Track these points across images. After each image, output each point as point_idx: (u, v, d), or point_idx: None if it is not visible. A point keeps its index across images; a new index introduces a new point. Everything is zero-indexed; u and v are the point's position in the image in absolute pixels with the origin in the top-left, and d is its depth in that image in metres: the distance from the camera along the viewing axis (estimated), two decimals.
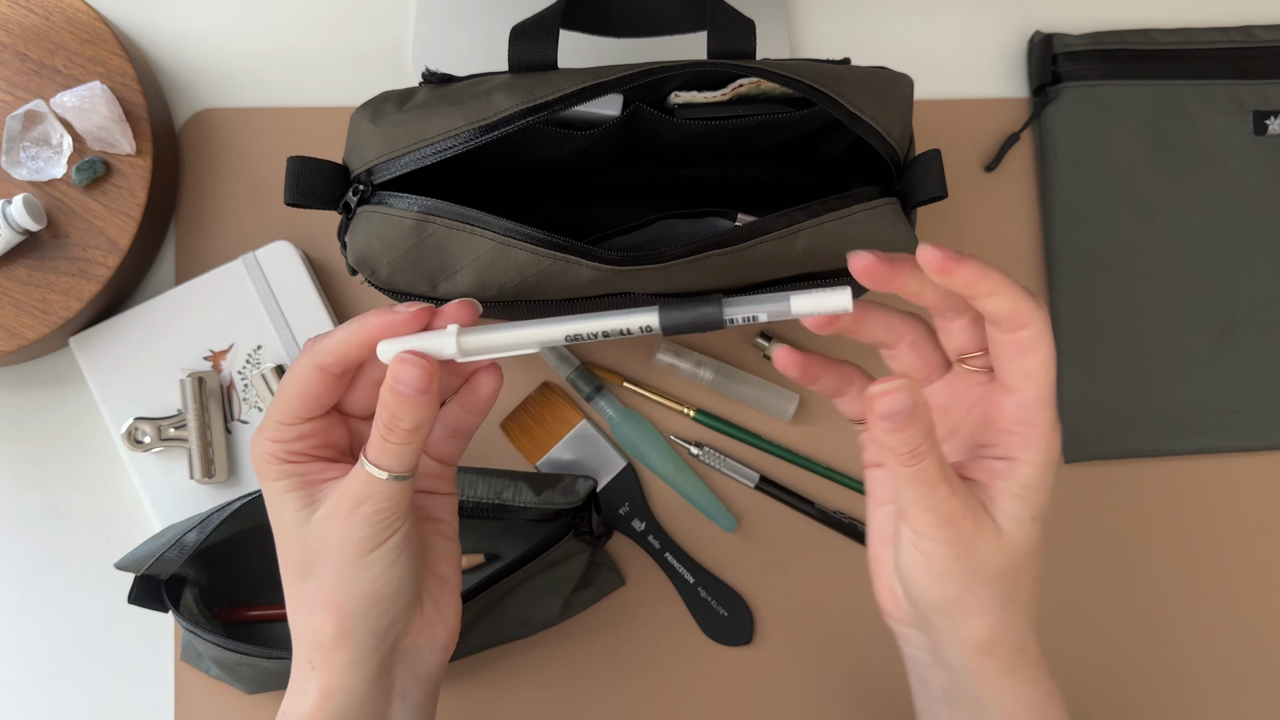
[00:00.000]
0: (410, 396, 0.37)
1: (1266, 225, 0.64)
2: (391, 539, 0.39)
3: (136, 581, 0.54)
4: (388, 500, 0.39)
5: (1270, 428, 0.63)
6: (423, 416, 0.38)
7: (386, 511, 0.39)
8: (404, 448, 0.38)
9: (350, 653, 0.40)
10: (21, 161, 0.56)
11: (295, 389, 0.40)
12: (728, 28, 0.50)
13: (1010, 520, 0.39)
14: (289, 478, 0.40)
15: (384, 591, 0.39)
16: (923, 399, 0.37)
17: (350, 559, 0.39)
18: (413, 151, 0.47)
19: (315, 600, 0.40)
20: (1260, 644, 0.63)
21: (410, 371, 0.37)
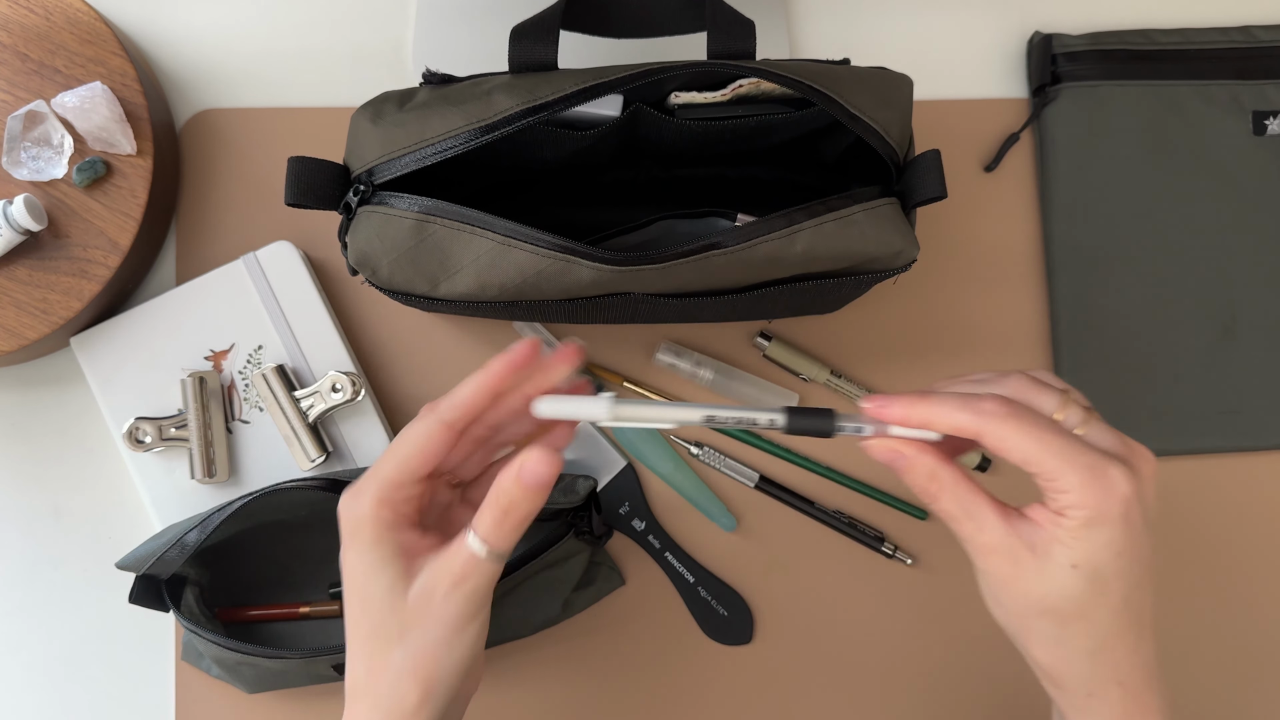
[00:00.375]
0: (534, 489, 0.39)
1: (1266, 225, 0.64)
2: (482, 614, 0.41)
3: (137, 581, 0.54)
4: (486, 580, 0.40)
5: (1270, 428, 0.63)
6: (538, 505, 0.40)
7: (483, 591, 0.40)
8: (515, 532, 0.40)
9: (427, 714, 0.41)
10: (22, 162, 0.56)
11: (419, 446, 0.40)
12: (727, 28, 0.50)
13: (1052, 564, 0.39)
14: (388, 545, 0.40)
15: (470, 664, 0.41)
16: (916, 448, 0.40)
17: (446, 634, 0.40)
18: (413, 152, 0.47)
19: (404, 668, 0.40)
20: (1260, 644, 0.63)
21: (542, 469, 0.39)
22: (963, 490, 0.40)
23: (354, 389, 0.57)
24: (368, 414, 0.59)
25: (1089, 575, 0.39)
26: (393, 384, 0.62)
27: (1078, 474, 0.38)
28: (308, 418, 0.57)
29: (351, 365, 0.59)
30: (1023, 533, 0.40)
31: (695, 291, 0.50)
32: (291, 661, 0.53)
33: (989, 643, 0.62)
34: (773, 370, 0.62)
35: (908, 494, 0.62)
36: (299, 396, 0.58)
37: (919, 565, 0.62)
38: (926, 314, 0.63)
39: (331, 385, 0.57)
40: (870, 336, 0.63)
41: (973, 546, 0.41)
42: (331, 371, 0.58)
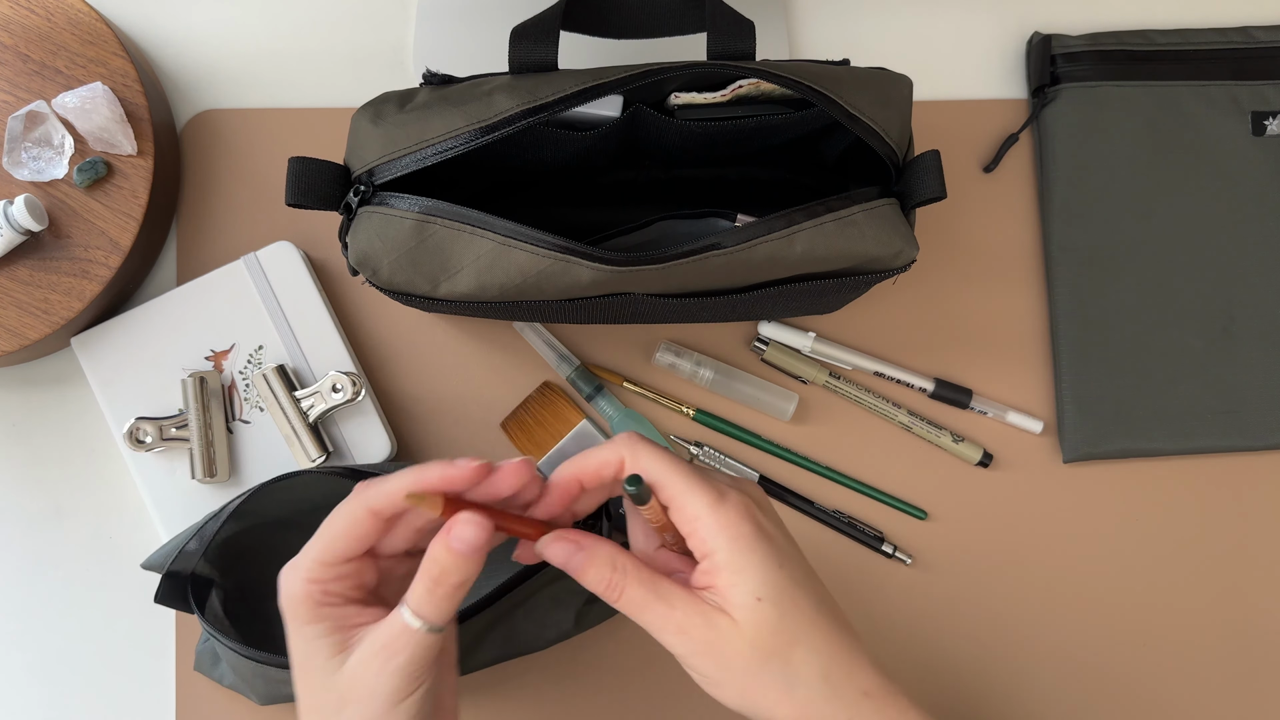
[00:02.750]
0: (465, 554, 0.38)
1: (1265, 225, 0.64)
2: (420, 689, 0.39)
3: (163, 580, 0.54)
4: (422, 651, 0.39)
5: (1269, 428, 0.63)
6: (471, 573, 0.39)
7: (420, 662, 0.39)
8: (448, 602, 0.39)
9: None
10: (23, 162, 0.57)
11: (343, 530, 0.40)
12: (727, 29, 0.50)
13: (739, 609, 0.39)
14: (323, 622, 0.40)
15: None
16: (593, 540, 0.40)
17: (380, 709, 0.39)
18: (413, 152, 0.47)
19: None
20: (1261, 644, 0.63)
21: (471, 531, 0.38)
22: (645, 573, 0.40)
23: (354, 389, 0.57)
24: (368, 414, 0.59)
25: (774, 601, 0.39)
26: (393, 384, 0.62)
27: (705, 495, 0.39)
28: (308, 418, 0.57)
29: (351, 365, 0.59)
30: (704, 598, 0.40)
31: (695, 291, 0.50)
32: None
33: (988, 642, 0.62)
34: (772, 371, 0.63)
35: (907, 494, 0.62)
36: (299, 396, 0.58)
37: (918, 565, 0.62)
38: (926, 314, 0.64)
39: (332, 385, 0.57)
40: (870, 337, 0.63)
41: (670, 631, 0.39)
42: (332, 371, 0.58)
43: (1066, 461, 0.63)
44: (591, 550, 0.40)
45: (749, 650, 0.39)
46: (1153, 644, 0.63)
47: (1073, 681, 0.62)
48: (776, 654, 0.39)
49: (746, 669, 0.39)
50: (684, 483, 0.40)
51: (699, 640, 0.39)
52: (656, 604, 0.40)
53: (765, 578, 0.39)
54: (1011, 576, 0.63)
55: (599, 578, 0.40)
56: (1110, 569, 0.63)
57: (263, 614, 0.58)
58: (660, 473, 0.40)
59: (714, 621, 0.39)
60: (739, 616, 0.39)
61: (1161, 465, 0.64)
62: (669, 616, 0.39)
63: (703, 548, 0.40)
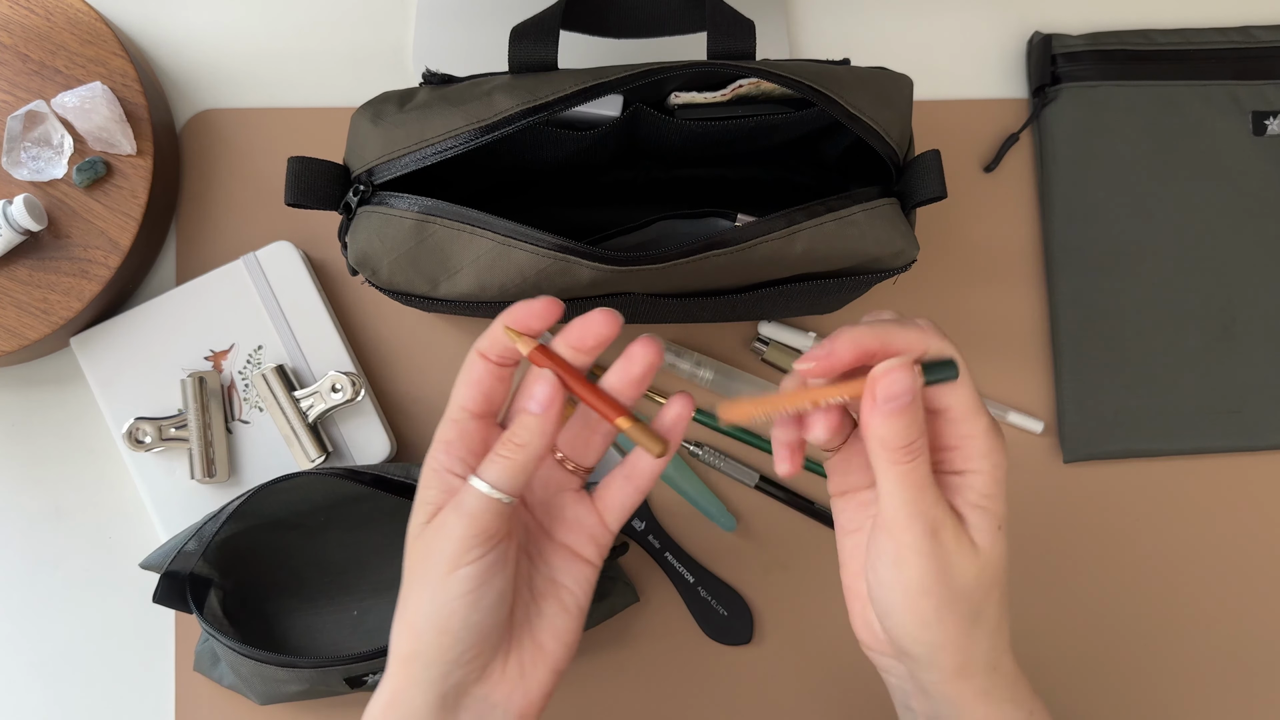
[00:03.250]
0: (533, 412, 0.37)
1: (1266, 225, 0.64)
2: (475, 564, 0.37)
3: (162, 580, 0.54)
4: (476, 516, 0.37)
5: (1270, 428, 0.63)
6: (535, 433, 0.37)
7: (478, 528, 0.37)
8: (508, 461, 0.37)
9: (416, 672, 0.38)
10: (22, 162, 0.57)
11: (462, 379, 0.39)
12: (727, 28, 0.50)
13: (981, 533, 0.38)
14: (433, 487, 0.39)
15: (450, 621, 0.38)
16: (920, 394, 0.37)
17: (429, 576, 0.38)
18: (413, 152, 0.47)
19: (401, 612, 0.39)
20: (1261, 644, 0.63)
21: (540, 388, 0.38)
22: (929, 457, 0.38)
23: (354, 389, 0.57)
24: (368, 414, 0.59)
25: (1005, 537, 0.39)
26: (393, 384, 0.62)
27: (985, 418, 0.38)
28: (307, 418, 0.57)
29: (351, 365, 0.59)
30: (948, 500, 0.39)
31: (695, 291, 0.50)
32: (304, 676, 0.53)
33: None
34: (772, 371, 0.63)
35: None
36: (299, 396, 0.58)
37: None
38: (926, 314, 0.63)
39: (331, 385, 0.57)
40: None
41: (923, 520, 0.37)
42: (331, 371, 0.58)
43: (1067, 462, 0.63)
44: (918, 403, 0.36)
45: (974, 574, 0.38)
46: (1154, 644, 0.63)
47: (1073, 681, 0.62)
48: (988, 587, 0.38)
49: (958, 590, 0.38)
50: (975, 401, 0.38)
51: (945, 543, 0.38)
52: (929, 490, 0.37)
53: (1005, 512, 0.39)
54: (1011, 577, 0.62)
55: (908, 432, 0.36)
56: (1111, 569, 0.63)
57: (261, 614, 0.58)
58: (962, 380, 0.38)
59: (960, 536, 0.38)
60: (980, 540, 0.38)
61: (1162, 465, 0.64)
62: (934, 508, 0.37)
63: (964, 463, 0.38)
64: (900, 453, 0.37)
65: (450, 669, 0.38)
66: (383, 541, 0.59)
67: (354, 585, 0.59)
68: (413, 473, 0.54)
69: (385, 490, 0.54)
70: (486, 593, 0.38)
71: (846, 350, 0.37)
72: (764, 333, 0.62)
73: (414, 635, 0.38)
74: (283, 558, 0.59)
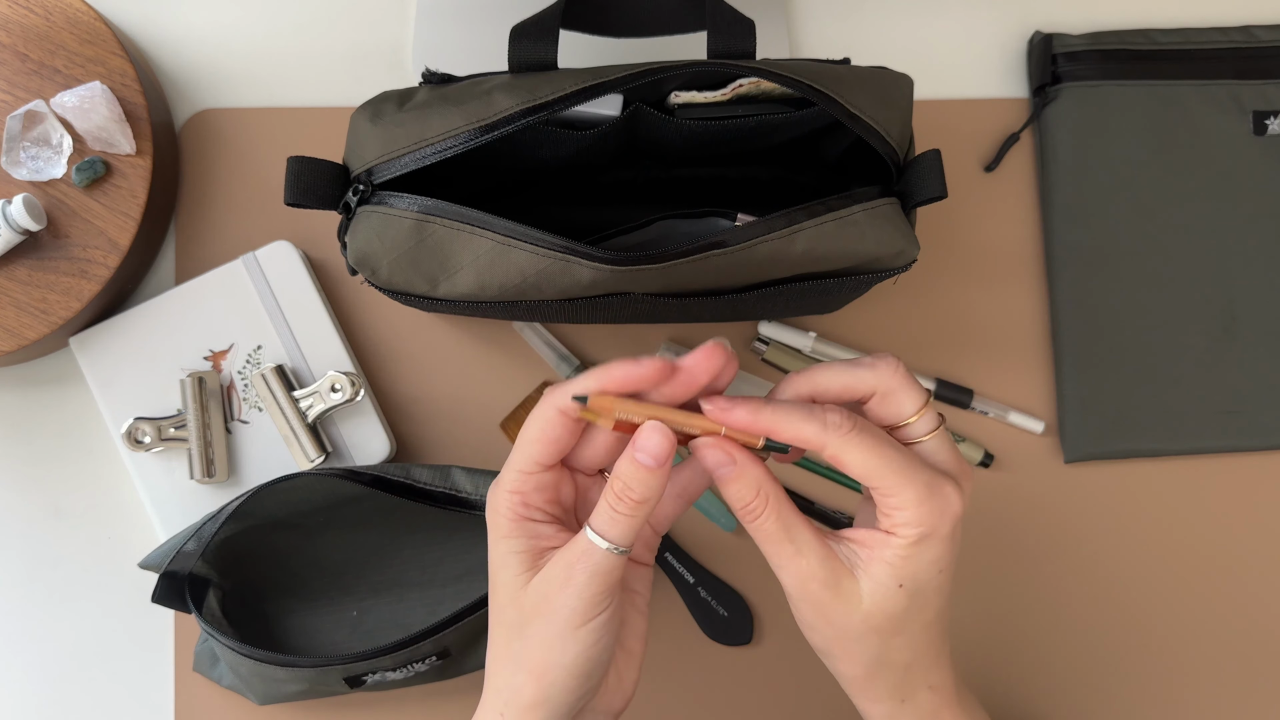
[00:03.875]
0: (649, 467, 0.37)
1: (1266, 225, 0.64)
2: (601, 615, 0.38)
3: (161, 579, 0.54)
4: (605, 574, 0.38)
5: (1270, 428, 0.63)
6: (654, 488, 0.38)
7: (601, 585, 0.38)
8: (630, 519, 0.38)
9: (543, 715, 0.40)
10: (22, 161, 0.56)
11: (537, 434, 0.39)
12: (728, 28, 0.50)
13: (874, 584, 0.39)
14: (519, 537, 0.39)
15: (586, 668, 0.39)
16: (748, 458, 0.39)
17: (560, 631, 0.38)
18: (413, 151, 0.47)
19: (521, 661, 0.39)
20: (1260, 644, 0.63)
21: (655, 440, 0.37)
22: (786, 509, 0.39)
23: (353, 389, 0.57)
24: (367, 414, 0.59)
25: (912, 593, 0.39)
26: (393, 384, 0.62)
27: (915, 491, 0.38)
28: (307, 418, 0.57)
29: (351, 365, 0.59)
30: (841, 555, 0.40)
31: (695, 291, 0.50)
32: (303, 676, 0.53)
33: (988, 641, 0.62)
34: (772, 371, 0.62)
35: None
36: (298, 396, 0.58)
37: None
38: (926, 314, 0.63)
39: (331, 385, 0.57)
40: (870, 337, 0.63)
41: (789, 572, 0.39)
42: (331, 371, 0.58)
43: (1068, 462, 0.63)
44: (744, 467, 0.39)
45: (859, 622, 0.39)
46: (1154, 644, 0.63)
47: (1073, 681, 0.62)
48: (880, 635, 0.40)
49: (845, 634, 0.40)
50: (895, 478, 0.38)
51: (814, 593, 0.39)
52: (786, 544, 0.39)
53: (920, 573, 0.39)
54: (1012, 576, 0.62)
55: (741, 496, 0.39)
56: (1112, 569, 0.63)
57: (261, 614, 0.58)
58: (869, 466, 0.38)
59: (839, 583, 0.39)
60: (868, 591, 0.39)
61: (1163, 465, 0.64)
62: (794, 560, 0.39)
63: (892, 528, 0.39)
64: (741, 513, 0.39)
65: (577, 704, 0.40)
66: (382, 542, 0.59)
67: (353, 585, 0.59)
68: (413, 473, 0.54)
69: (385, 490, 0.54)
70: (610, 633, 0.39)
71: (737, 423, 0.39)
72: (764, 333, 0.62)
73: (543, 685, 0.39)
74: (282, 558, 0.59)
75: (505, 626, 0.40)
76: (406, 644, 0.52)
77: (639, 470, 0.37)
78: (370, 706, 0.60)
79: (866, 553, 0.39)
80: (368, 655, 0.52)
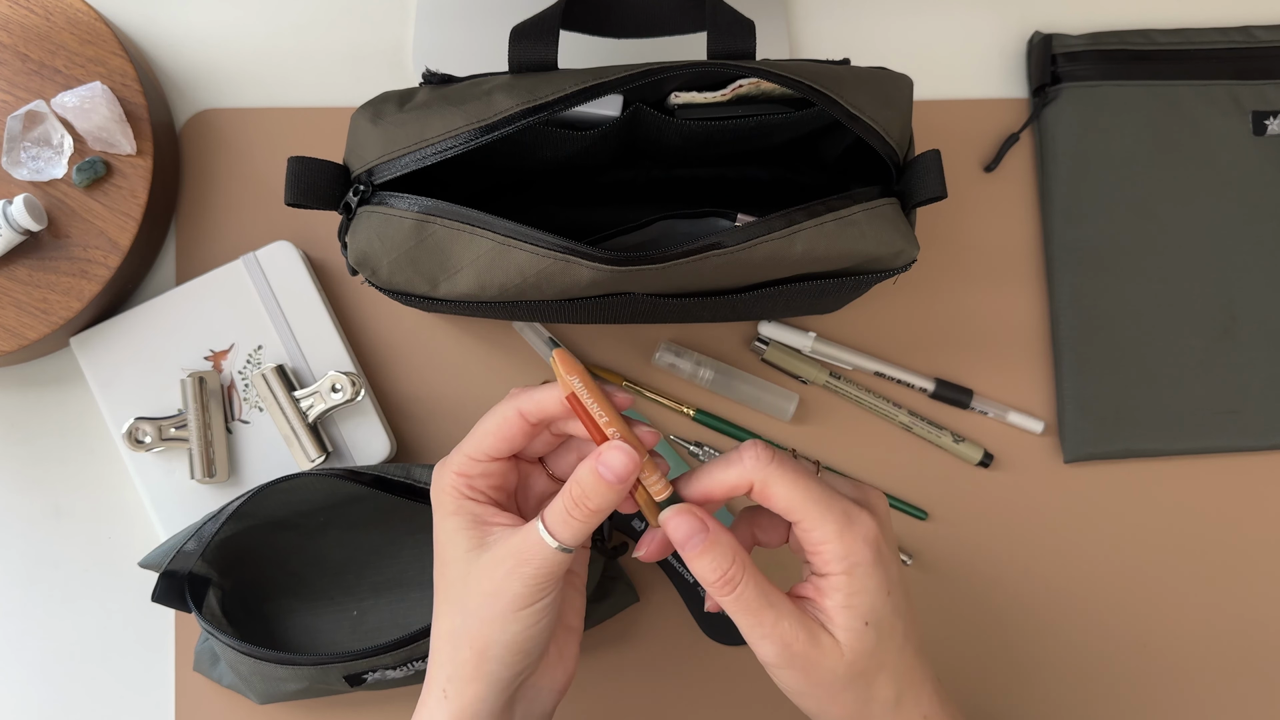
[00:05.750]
0: (609, 482, 0.40)
1: (1266, 225, 0.64)
2: (543, 600, 0.41)
3: (161, 579, 0.54)
4: (550, 567, 0.40)
5: (1269, 428, 0.63)
6: (610, 502, 0.40)
7: (546, 576, 0.40)
8: (583, 525, 0.40)
9: (483, 689, 0.42)
10: (22, 162, 0.56)
11: (493, 429, 0.42)
12: (727, 28, 0.50)
13: (845, 631, 0.40)
14: (464, 514, 0.42)
15: (525, 645, 0.41)
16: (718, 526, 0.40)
17: (502, 610, 0.41)
18: (413, 152, 0.47)
19: (462, 637, 0.42)
20: (1261, 644, 0.63)
21: (619, 459, 0.40)
22: (760, 576, 0.41)
23: (354, 389, 0.57)
24: (367, 414, 0.59)
25: (875, 625, 0.40)
26: (393, 384, 0.62)
27: (835, 523, 0.40)
28: (307, 418, 0.57)
29: (351, 365, 0.59)
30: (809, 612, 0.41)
31: (695, 291, 0.50)
32: (303, 675, 0.53)
33: (988, 642, 0.62)
34: (772, 371, 0.62)
35: (908, 494, 0.62)
36: (299, 396, 0.58)
37: (919, 565, 0.62)
38: (926, 314, 0.64)
39: (331, 385, 0.57)
40: (870, 337, 0.63)
41: (771, 640, 0.40)
42: (331, 371, 0.58)
43: (1067, 462, 0.63)
44: (716, 536, 0.40)
45: (844, 670, 0.40)
46: (1153, 644, 0.63)
47: (1073, 681, 0.62)
48: (865, 676, 0.41)
49: (834, 685, 0.41)
50: (816, 508, 0.40)
51: (798, 654, 0.40)
52: (766, 610, 0.40)
53: (875, 604, 0.40)
54: (1012, 577, 0.62)
55: (715, 567, 0.40)
56: (1111, 569, 0.63)
57: (261, 614, 0.58)
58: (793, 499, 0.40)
59: (818, 639, 0.40)
60: (843, 639, 0.40)
61: (1162, 465, 0.64)
62: (775, 626, 0.40)
63: (823, 568, 0.41)
64: (717, 586, 0.40)
65: (516, 678, 0.42)
66: (382, 541, 0.59)
67: (353, 585, 0.59)
68: (413, 473, 0.54)
69: (385, 490, 0.54)
70: (550, 615, 0.42)
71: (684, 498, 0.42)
72: (764, 333, 0.62)
73: (483, 659, 0.41)
74: (282, 558, 0.59)
75: (451, 603, 0.42)
76: (407, 642, 0.52)
77: (599, 483, 0.40)
78: (370, 706, 0.60)
79: (820, 604, 0.41)
80: (368, 653, 0.52)
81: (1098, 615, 0.63)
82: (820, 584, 0.41)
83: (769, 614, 0.40)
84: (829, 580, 0.41)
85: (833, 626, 0.40)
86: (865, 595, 0.40)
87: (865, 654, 0.40)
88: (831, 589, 0.40)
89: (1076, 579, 0.63)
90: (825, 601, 0.41)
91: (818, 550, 0.40)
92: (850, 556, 0.40)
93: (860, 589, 0.40)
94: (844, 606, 0.40)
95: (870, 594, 0.40)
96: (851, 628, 0.40)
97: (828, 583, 0.41)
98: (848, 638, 0.40)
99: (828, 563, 0.40)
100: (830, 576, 0.41)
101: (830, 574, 0.40)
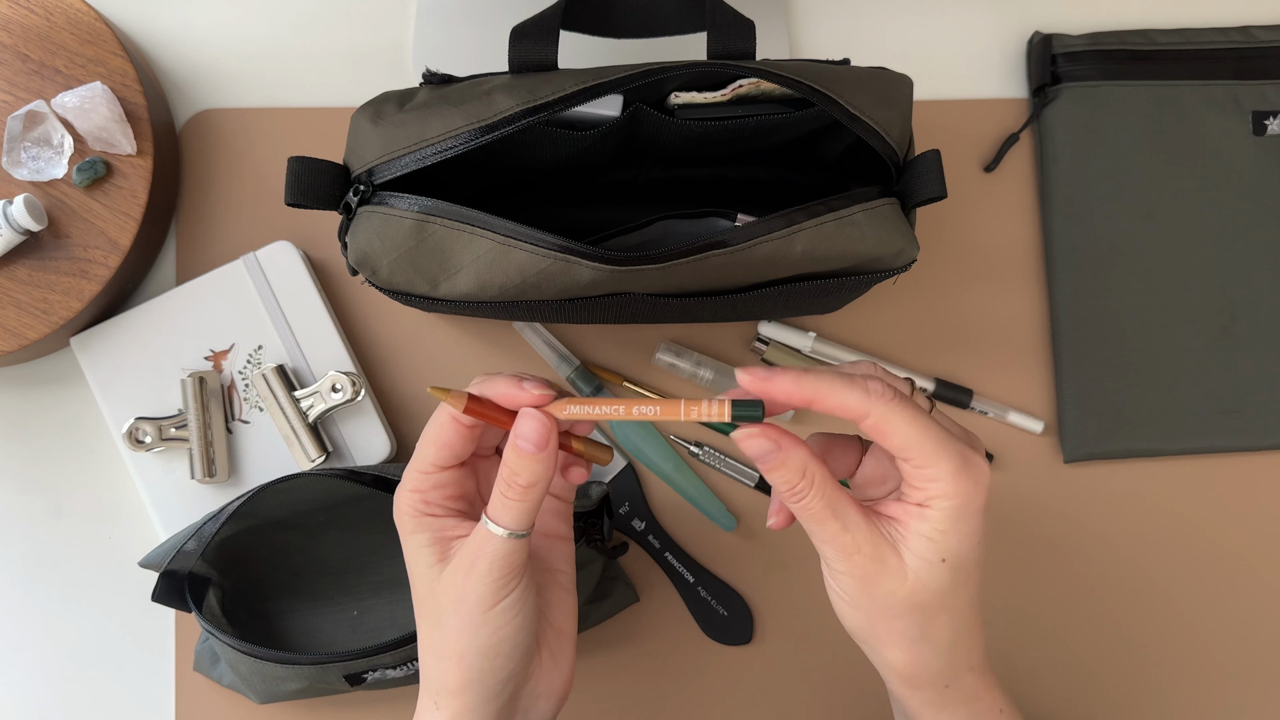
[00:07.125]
0: (529, 452, 0.39)
1: (1266, 225, 0.64)
2: (509, 597, 0.40)
3: (161, 578, 0.54)
4: (506, 558, 0.40)
5: (1270, 428, 0.63)
6: (538, 472, 0.39)
7: (504, 570, 0.40)
8: (520, 504, 0.39)
9: (471, 699, 0.42)
10: (22, 162, 0.57)
11: (432, 437, 0.41)
12: (728, 28, 0.50)
13: (918, 560, 0.39)
14: (425, 532, 0.41)
15: (500, 647, 0.41)
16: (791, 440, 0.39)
17: (470, 616, 0.40)
18: (413, 152, 0.47)
19: (441, 649, 0.41)
20: (1260, 643, 0.63)
21: (530, 426, 0.39)
22: (830, 488, 0.40)
23: (354, 389, 0.57)
24: (368, 414, 0.59)
25: (954, 567, 0.39)
26: (393, 384, 0.62)
27: (951, 463, 0.39)
28: (308, 418, 0.57)
29: (351, 365, 0.59)
30: (885, 531, 0.40)
31: (695, 291, 0.50)
32: (303, 674, 0.53)
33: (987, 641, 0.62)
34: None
35: None
36: (299, 396, 0.58)
37: None
38: (926, 314, 0.64)
39: (331, 385, 0.57)
40: (870, 337, 0.63)
41: (835, 547, 0.40)
42: (331, 371, 0.58)
43: (1067, 462, 0.63)
44: (789, 451, 0.39)
45: (904, 597, 0.39)
46: (1153, 644, 0.63)
47: (1072, 681, 0.62)
48: (925, 611, 0.40)
49: (888, 609, 0.40)
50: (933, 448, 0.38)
51: (858, 567, 0.39)
52: (832, 521, 0.39)
53: (960, 547, 0.39)
54: (1011, 576, 0.62)
55: (787, 480, 0.39)
56: (1111, 569, 0.63)
57: (261, 614, 0.58)
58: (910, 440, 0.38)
59: (883, 557, 0.39)
60: (913, 566, 0.39)
61: (1162, 465, 0.64)
62: (840, 536, 0.39)
63: (925, 500, 0.39)
64: (787, 495, 0.40)
65: (503, 685, 0.42)
66: (382, 541, 0.59)
67: (353, 585, 0.59)
68: None
69: (385, 490, 0.54)
70: (523, 613, 0.41)
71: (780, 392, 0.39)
72: (764, 333, 0.62)
73: (464, 667, 0.41)
74: (282, 558, 0.59)
75: (425, 619, 0.42)
76: (406, 641, 0.52)
77: (520, 456, 0.39)
78: (370, 705, 0.60)
79: (903, 528, 0.40)
80: (368, 653, 0.52)
81: (1097, 614, 0.63)
82: (912, 510, 0.40)
83: (834, 525, 0.39)
84: (926, 510, 0.39)
85: (906, 551, 0.39)
86: (954, 537, 0.39)
87: (931, 590, 0.39)
88: (923, 518, 0.39)
89: (1076, 579, 0.63)
90: (911, 525, 0.39)
91: (925, 486, 0.39)
92: (959, 496, 0.39)
93: (952, 529, 0.39)
94: (928, 538, 0.39)
95: (961, 537, 0.39)
96: (927, 559, 0.39)
97: (923, 511, 0.39)
98: (918, 566, 0.39)
99: (934, 499, 0.39)
100: (927, 508, 0.39)
101: (930, 506, 0.39)
